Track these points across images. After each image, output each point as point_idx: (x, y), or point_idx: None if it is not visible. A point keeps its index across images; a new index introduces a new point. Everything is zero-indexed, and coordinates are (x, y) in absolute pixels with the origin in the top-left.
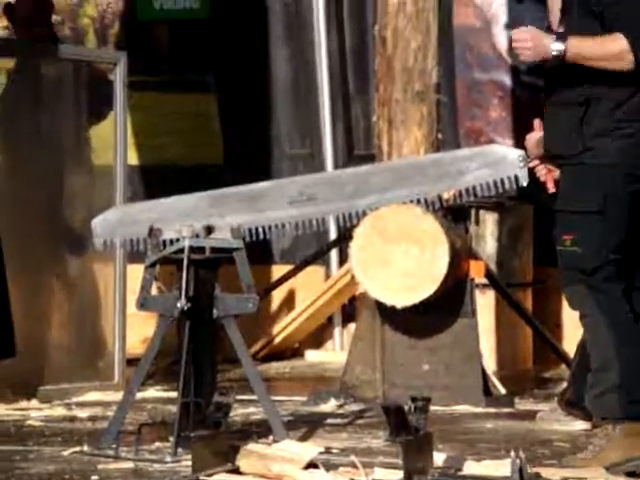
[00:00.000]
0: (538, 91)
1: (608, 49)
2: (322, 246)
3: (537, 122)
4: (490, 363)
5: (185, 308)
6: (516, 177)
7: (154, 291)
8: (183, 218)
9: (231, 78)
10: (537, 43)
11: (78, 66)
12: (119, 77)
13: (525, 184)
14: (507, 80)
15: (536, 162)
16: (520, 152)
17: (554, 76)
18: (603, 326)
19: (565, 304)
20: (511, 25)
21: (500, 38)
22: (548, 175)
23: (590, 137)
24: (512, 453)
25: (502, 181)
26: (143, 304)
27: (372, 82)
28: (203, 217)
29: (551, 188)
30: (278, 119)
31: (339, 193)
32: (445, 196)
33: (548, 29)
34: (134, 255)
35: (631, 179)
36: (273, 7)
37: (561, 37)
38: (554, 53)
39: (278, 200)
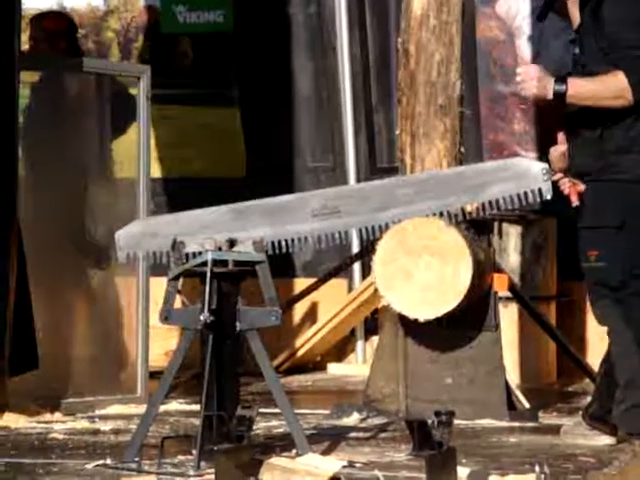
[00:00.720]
0: (562, 103)
1: (608, 89)
2: (345, 259)
3: (561, 135)
4: (514, 377)
5: (208, 321)
6: (540, 190)
7: (177, 304)
8: (206, 231)
9: (254, 91)
10: (540, 82)
11: (101, 79)
12: (142, 90)
13: (549, 197)
14: None
15: (560, 175)
16: (544, 165)
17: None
18: (630, 341)
19: (589, 318)
20: (535, 41)
21: (524, 51)
22: (572, 188)
23: (609, 154)
24: (537, 467)
25: (526, 194)
26: (167, 317)
27: (395, 95)
28: (226, 230)
29: (574, 201)
30: (300, 132)
31: (362, 206)
32: (468, 209)
33: (572, 42)
34: (157, 268)
35: None
36: (296, 20)
37: (562, 79)
38: (555, 92)
39: (301, 213)
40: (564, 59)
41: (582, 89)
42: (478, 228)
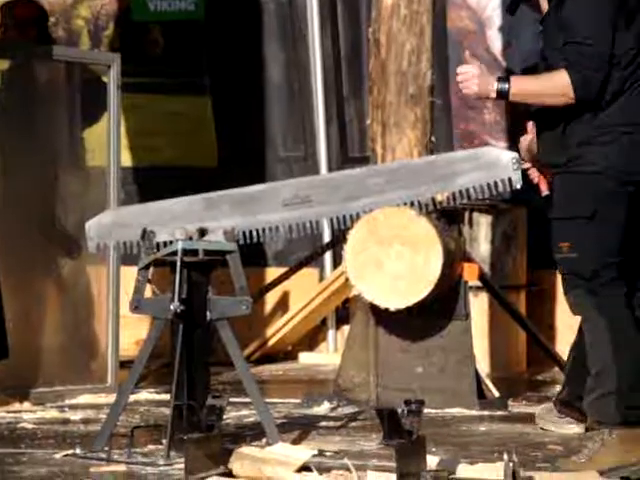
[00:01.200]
0: None
1: (551, 87)
2: (316, 248)
3: (530, 124)
4: (484, 366)
5: (178, 311)
6: (510, 180)
7: (148, 293)
8: (176, 221)
9: (225, 80)
10: (481, 81)
11: (71, 68)
12: (113, 79)
13: (519, 187)
14: None
15: (529, 164)
16: (514, 154)
17: None
18: (603, 330)
19: (559, 307)
20: (506, 31)
21: (494, 41)
22: (541, 178)
23: (573, 147)
24: (505, 456)
25: (496, 184)
26: (137, 306)
27: (366, 85)
28: (197, 220)
29: (544, 190)
30: (272, 121)
31: (334, 195)
32: (439, 198)
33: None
34: (128, 257)
35: (622, 182)
36: (267, 9)
37: (505, 77)
38: (496, 92)
39: (272, 203)
40: (535, 50)
41: (525, 87)
42: (449, 218)
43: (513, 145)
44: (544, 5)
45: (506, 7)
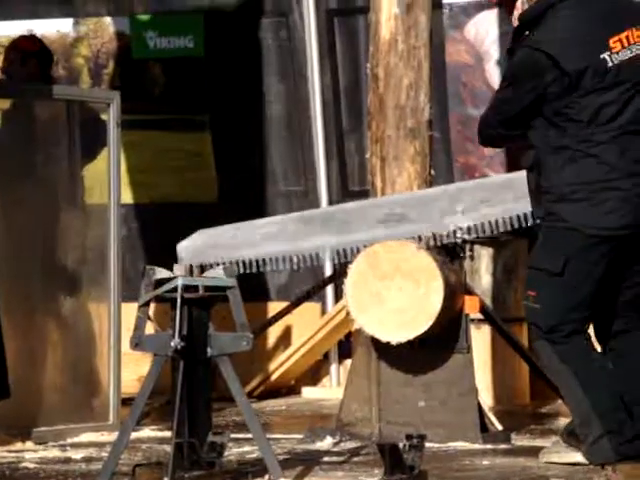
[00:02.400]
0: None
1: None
2: (317, 282)
3: None
4: (487, 399)
5: (179, 347)
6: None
7: (150, 330)
8: (268, 241)
9: (225, 116)
10: None
11: (71, 106)
12: (112, 116)
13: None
14: None
15: None
16: None
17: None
18: (572, 380)
19: None
20: (504, 65)
21: (492, 74)
22: None
23: (549, 202)
24: None
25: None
26: (137, 344)
27: (365, 119)
28: (289, 239)
29: None
30: (272, 156)
31: (428, 212)
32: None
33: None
34: (128, 294)
35: (597, 240)
36: (267, 45)
37: None
38: None
39: (368, 220)
40: None
41: None
42: (449, 251)
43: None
44: None
45: (507, 50)
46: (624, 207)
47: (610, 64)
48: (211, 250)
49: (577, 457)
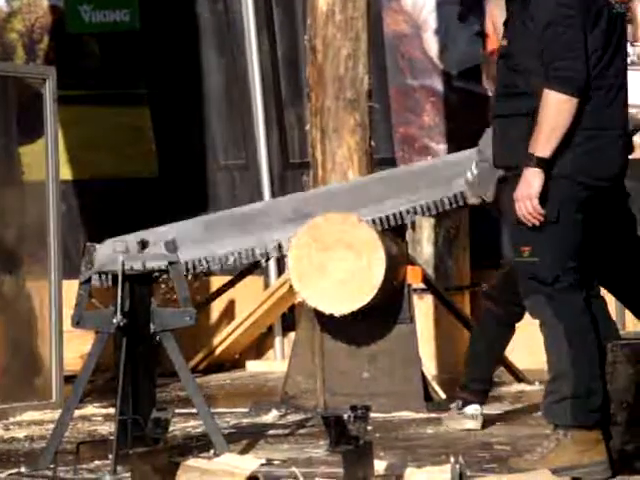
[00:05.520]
0: (470, 95)
1: (552, 113)
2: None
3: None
4: (431, 368)
5: (121, 324)
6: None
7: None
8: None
9: (164, 90)
10: (525, 186)
11: (6, 82)
12: (49, 92)
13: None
14: (439, 85)
15: None
16: None
17: (499, 87)
18: (561, 335)
19: None
20: (442, 34)
21: (430, 44)
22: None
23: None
24: (452, 458)
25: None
26: (79, 321)
27: (305, 91)
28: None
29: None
30: (212, 130)
31: (331, 207)
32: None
33: (478, 35)
34: (69, 271)
35: (583, 187)
36: (204, 17)
37: (531, 157)
38: (539, 171)
39: (273, 219)
40: (470, 53)
41: (543, 139)
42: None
43: (452, 147)
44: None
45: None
46: (610, 158)
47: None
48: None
49: (468, 424)
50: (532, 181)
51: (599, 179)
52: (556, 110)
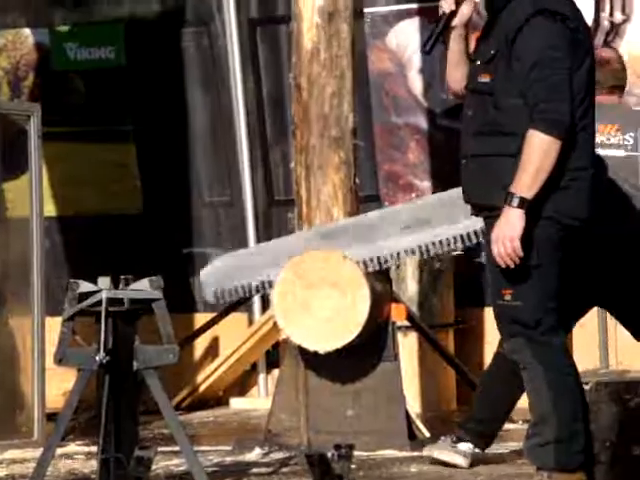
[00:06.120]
0: (454, 133)
1: (537, 154)
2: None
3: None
4: (415, 406)
5: (104, 361)
6: None
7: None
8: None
9: (149, 127)
10: (507, 229)
11: None
12: (33, 129)
13: None
14: (423, 123)
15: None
16: None
17: (477, 125)
18: (541, 379)
19: (486, 344)
20: (426, 73)
21: (415, 83)
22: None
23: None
24: None
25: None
26: (61, 359)
27: (290, 128)
28: None
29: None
30: (197, 167)
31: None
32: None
33: (424, 47)
34: (52, 308)
35: (560, 227)
36: (189, 54)
37: (510, 195)
38: (520, 212)
39: (391, 228)
40: None
41: (527, 179)
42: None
43: (437, 185)
44: (471, 42)
45: (421, 46)
46: (587, 198)
47: None
48: (238, 272)
49: (456, 459)
50: (515, 222)
51: (577, 219)
52: (542, 151)
